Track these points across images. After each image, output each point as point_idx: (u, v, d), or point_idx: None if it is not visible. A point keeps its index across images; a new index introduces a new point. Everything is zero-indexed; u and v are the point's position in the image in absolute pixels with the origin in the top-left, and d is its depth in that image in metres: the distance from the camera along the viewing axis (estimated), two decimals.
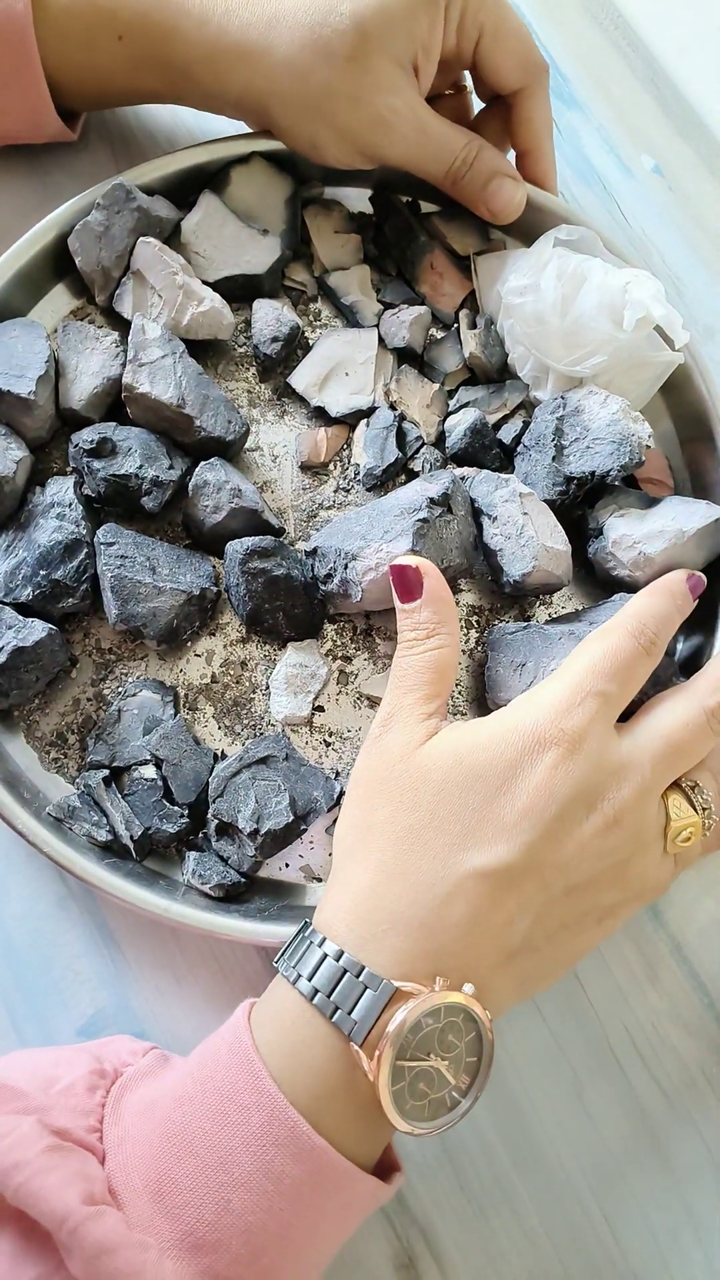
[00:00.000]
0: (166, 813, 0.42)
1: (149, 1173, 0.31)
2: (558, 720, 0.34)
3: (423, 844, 0.33)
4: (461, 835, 0.33)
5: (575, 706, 0.35)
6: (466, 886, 0.33)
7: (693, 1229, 0.41)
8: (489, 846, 0.33)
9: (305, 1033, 0.32)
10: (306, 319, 0.51)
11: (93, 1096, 0.33)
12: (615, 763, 0.35)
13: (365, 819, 0.35)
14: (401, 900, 0.33)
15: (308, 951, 0.33)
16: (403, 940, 0.32)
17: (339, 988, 0.32)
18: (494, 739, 0.35)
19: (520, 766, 0.34)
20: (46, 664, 0.42)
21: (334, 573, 0.43)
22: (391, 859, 0.34)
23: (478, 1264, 0.40)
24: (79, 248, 0.47)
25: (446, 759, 0.34)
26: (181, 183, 0.49)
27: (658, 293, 0.45)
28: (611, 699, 0.35)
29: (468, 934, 0.32)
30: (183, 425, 0.45)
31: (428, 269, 0.50)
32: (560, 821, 0.33)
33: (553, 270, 0.46)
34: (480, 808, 0.33)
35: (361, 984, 0.32)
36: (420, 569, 0.38)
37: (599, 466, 0.44)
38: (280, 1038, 0.33)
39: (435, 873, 0.33)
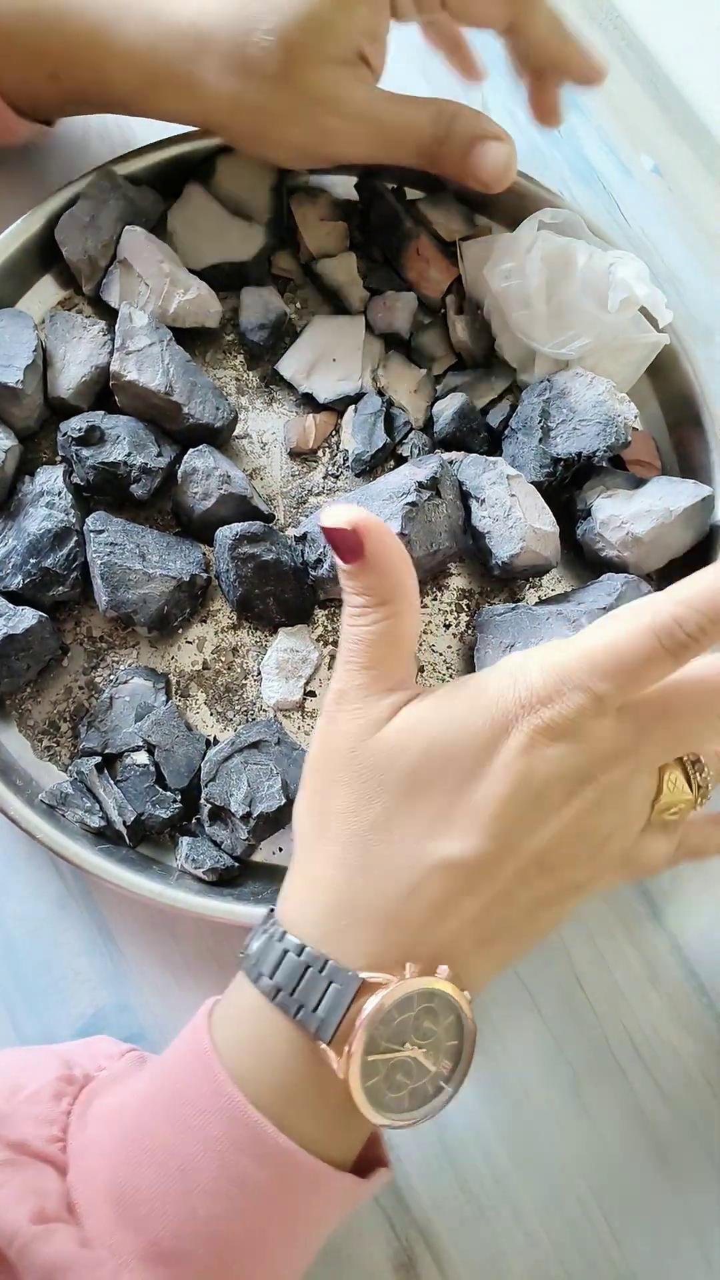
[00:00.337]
0: (159, 798, 0.42)
1: (109, 1182, 0.29)
2: (536, 708, 0.30)
3: (386, 835, 0.31)
4: (429, 824, 0.31)
5: (557, 697, 0.30)
6: (436, 876, 0.30)
7: (693, 1229, 0.41)
8: (460, 836, 0.30)
9: (267, 1032, 0.30)
10: (293, 306, 0.51)
11: (58, 1104, 0.32)
12: (604, 749, 0.31)
13: (322, 806, 0.32)
14: (366, 894, 0.31)
15: (268, 947, 0.31)
16: (369, 933, 0.30)
17: (302, 983, 0.30)
18: (464, 719, 0.31)
19: (493, 748, 0.31)
20: (37, 652, 0.43)
21: (324, 558, 0.43)
22: (354, 853, 0.31)
23: (477, 1264, 0.40)
24: (65, 238, 0.47)
25: (414, 742, 0.31)
26: (167, 172, 0.49)
27: (641, 273, 0.45)
28: (607, 698, 0.30)
29: (439, 922, 0.30)
30: (171, 413, 0.45)
31: (414, 255, 0.50)
32: (537, 807, 0.31)
33: (537, 253, 0.47)
34: (451, 794, 0.31)
35: (326, 979, 0.30)
36: (358, 530, 0.31)
37: (585, 448, 0.44)
38: (242, 1037, 0.31)
39: (401, 864, 0.30)
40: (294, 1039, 0.30)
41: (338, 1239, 0.40)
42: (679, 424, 0.50)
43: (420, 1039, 0.30)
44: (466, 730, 0.31)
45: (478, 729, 0.31)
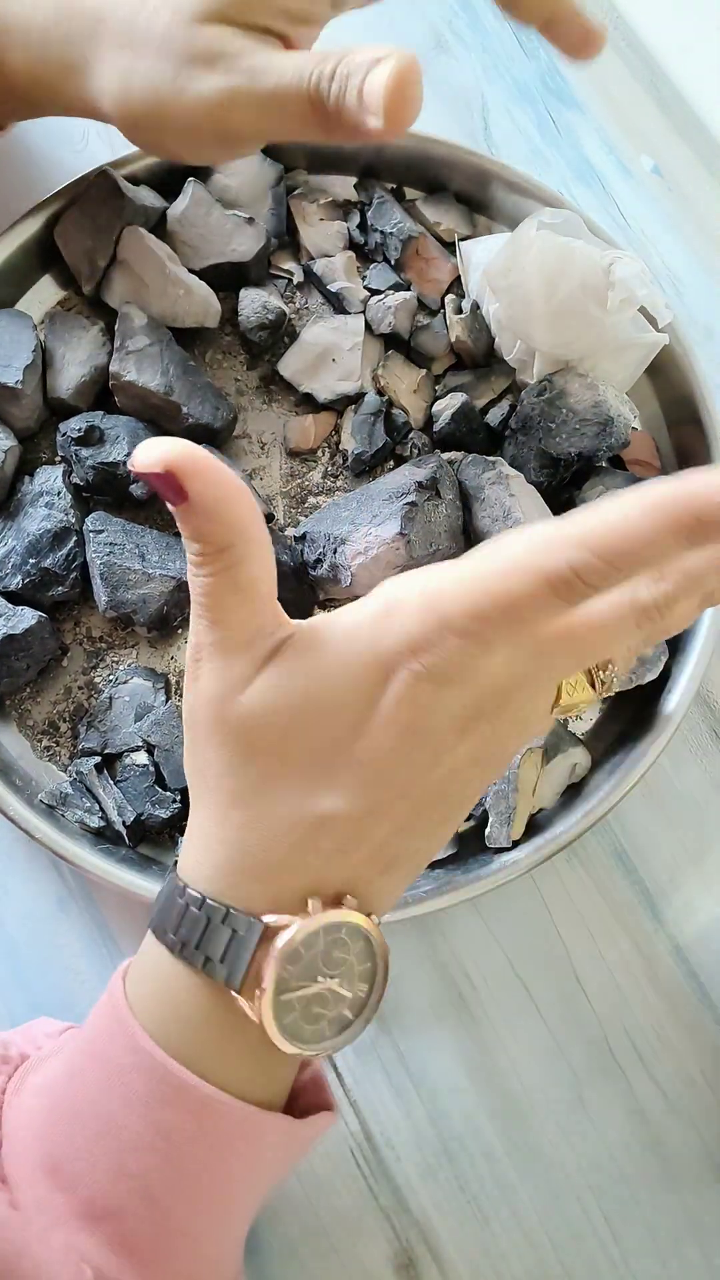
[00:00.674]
0: (159, 798, 0.42)
1: (40, 1151, 0.30)
2: (414, 654, 0.28)
3: (267, 795, 0.29)
4: (311, 781, 0.29)
5: (437, 643, 0.27)
6: (327, 824, 0.29)
7: (692, 1229, 0.41)
8: (343, 791, 0.29)
9: (177, 986, 0.30)
10: (293, 306, 0.51)
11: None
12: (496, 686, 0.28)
13: (202, 769, 0.30)
14: (257, 849, 0.29)
15: (170, 902, 0.30)
16: (266, 884, 0.29)
17: (205, 935, 0.29)
18: (338, 672, 0.29)
19: (372, 699, 0.28)
20: (37, 652, 0.43)
21: (323, 558, 0.43)
22: (238, 812, 0.30)
23: (477, 1264, 0.40)
24: (65, 238, 0.47)
25: (284, 700, 0.29)
26: (167, 172, 0.49)
27: (641, 273, 0.45)
28: (491, 642, 0.27)
29: (337, 862, 0.29)
30: (170, 413, 0.45)
31: (413, 255, 0.50)
32: (429, 751, 0.29)
33: (536, 254, 0.47)
34: (332, 748, 0.29)
35: (228, 928, 0.29)
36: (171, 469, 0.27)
37: (585, 448, 0.44)
38: (154, 993, 0.31)
39: (290, 819, 0.29)
40: (204, 990, 0.30)
41: (338, 1239, 0.40)
42: (679, 424, 0.50)
43: (332, 970, 0.29)
44: (341, 682, 0.28)
45: (353, 679, 0.28)
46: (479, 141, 0.57)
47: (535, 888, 0.45)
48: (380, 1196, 0.41)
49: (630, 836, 0.46)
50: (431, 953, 0.44)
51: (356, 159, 0.51)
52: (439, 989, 0.43)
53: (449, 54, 0.59)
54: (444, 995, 0.43)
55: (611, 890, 0.45)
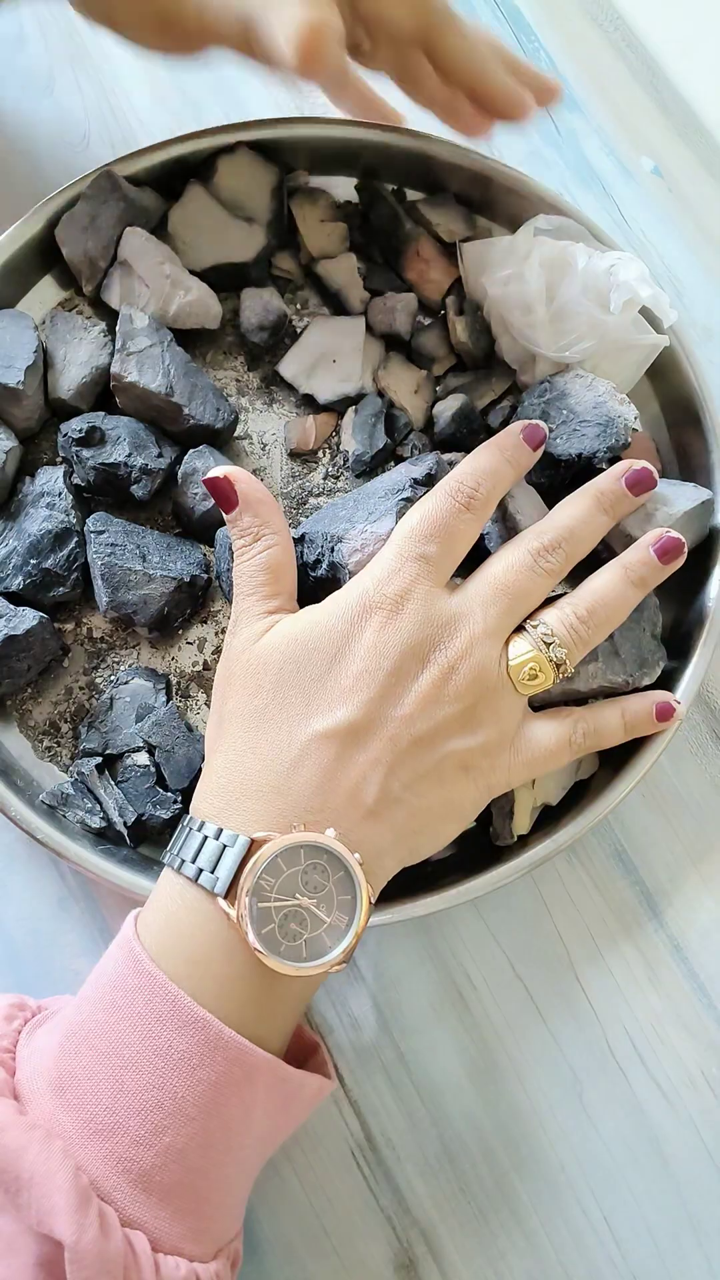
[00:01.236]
0: (160, 799, 0.42)
1: (50, 1073, 0.32)
2: (381, 587, 0.36)
3: (269, 721, 0.35)
4: (304, 706, 0.35)
5: (396, 572, 0.36)
6: (312, 748, 0.34)
7: (692, 1229, 0.41)
8: (329, 710, 0.35)
9: (178, 904, 0.34)
10: (294, 307, 0.51)
11: (9, 1024, 0.35)
12: (444, 615, 0.36)
13: (219, 712, 0.37)
14: (253, 770, 0.35)
15: (178, 834, 0.35)
16: (259, 803, 0.34)
17: (202, 851, 0.34)
18: (325, 615, 0.36)
19: (351, 635, 0.36)
20: (38, 652, 0.43)
21: (322, 558, 0.43)
22: (242, 739, 0.35)
23: (478, 1265, 0.40)
24: (66, 239, 0.47)
25: (283, 642, 0.36)
26: (168, 173, 0.49)
27: (643, 274, 0.45)
28: (434, 559, 0.37)
29: (321, 791, 0.34)
30: (171, 414, 0.45)
31: (414, 256, 0.51)
32: (395, 677, 0.35)
33: (536, 258, 0.47)
34: (319, 678, 0.35)
35: (221, 843, 0.33)
36: (228, 477, 0.38)
37: (585, 449, 0.44)
38: (157, 915, 0.34)
39: (282, 742, 0.35)
40: (200, 905, 0.33)
41: (338, 1239, 0.40)
42: (679, 425, 0.50)
43: (311, 891, 0.33)
44: (327, 624, 0.36)
45: (336, 620, 0.36)
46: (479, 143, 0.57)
47: (535, 888, 0.45)
48: (380, 1197, 0.41)
49: (630, 836, 0.46)
50: (432, 953, 0.44)
51: (357, 160, 0.52)
52: (439, 989, 0.44)
53: None
54: (444, 995, 0.43)
55: (611, 890, 0.45)
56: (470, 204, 0.52)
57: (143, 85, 0.56)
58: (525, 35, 0.60)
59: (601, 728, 0.40)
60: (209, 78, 0.56)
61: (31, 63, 0.56)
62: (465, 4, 0.60)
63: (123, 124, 0.55)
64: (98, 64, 0.56)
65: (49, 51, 0.56)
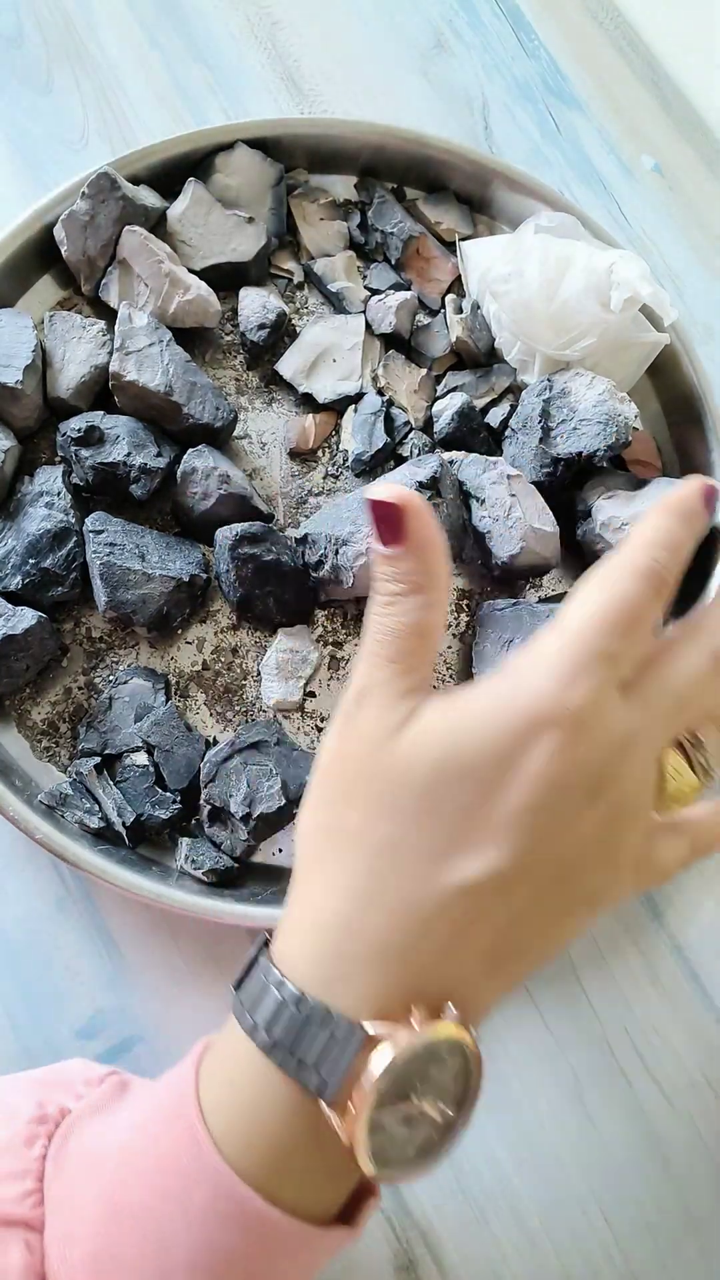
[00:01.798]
0: (159, 799, 0.42)
1: (88, 1247, 0.28)
2: (560, 694, 0.28)
3: (402, 858, 0.28)
4: (447, 842, 0.28)
5: (579, 675, 0.28)
6: (450, 903, 0.28)
7: (692, 1229, 0.41)
8: (478, 852, 0.28)
9: (260, 1090, 0.28)
10: (293, 306, 0.51)
11: (31, 1150, 0.30)
12: (624, 736, 0.29)
13: (334, 823, 0.29)
14: (374, 929, 0.28)
15: (264, 993, 0.28)
16: (375, 974, 0.28)
17: (301, 1037, 0.27)
18: (486, 722, 0.28)
19: (516, 755, 0.28)
20: (37, 652, 0.42)
21: (325, 559, 0.43)
22: (365, 880, 0.28)
23: (478, 1265, 0.40)
24: (65, 237, 0.47)
25: (432, 750, 0.28)
26: (167, 171, 0.49)
27: (644, 272, 0.45)
28: (620, 659, 0.29)
29: (448, 954, 0.28)
30: (170, 413, 0.45)
31: (414, 255, 0.50)
32: (560, 816, 0.28)
33: (536, 256, 0.46)
34: (470, 808, 0.28)
35: (327, 1032, 0.27)
36: (404, 506, 0.29)
37: (586, 447, 0.44)
38: (232, 1095, 0.28)
39: (416, 892, 0.28)
40: (290, 1097, 0.27)
41: None
42: (680, 424, 0.50)
43: (425, 1087, 0.27)
44: (488, 734, 0.28)
45: (500, 731, 0.28)
46: (480, 141, 0.57)
47: None
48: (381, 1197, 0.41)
49: None
50: None
51: (357, 158, 0.51)
52: None
53: (449, 53, 0.59)
54: None
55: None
56: (470, 202, 0.52)
57: (142, 84, 0.56)
58: (525, 33, 0.60)
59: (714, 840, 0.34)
60: (208, 76, 0.56)
61: (30, 61, 0.56)
62: (465, 1, 0.60)
63: (122, 123, 0.55)
64: (97, 63, 0.56)
65: (47, 50, 0.56)
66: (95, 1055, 0.41)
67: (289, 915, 0.30)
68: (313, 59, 0.57)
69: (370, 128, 0.50)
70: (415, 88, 0.57)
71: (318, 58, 0.57)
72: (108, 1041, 0.42)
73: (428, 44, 0.58)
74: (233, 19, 0.58)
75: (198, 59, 0.56)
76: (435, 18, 0.59)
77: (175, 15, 0.57)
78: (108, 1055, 0.41)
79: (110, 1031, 0.42)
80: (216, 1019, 0.42)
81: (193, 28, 0.57)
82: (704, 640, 0.31)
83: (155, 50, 0.56)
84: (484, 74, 0.58)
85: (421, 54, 0.56)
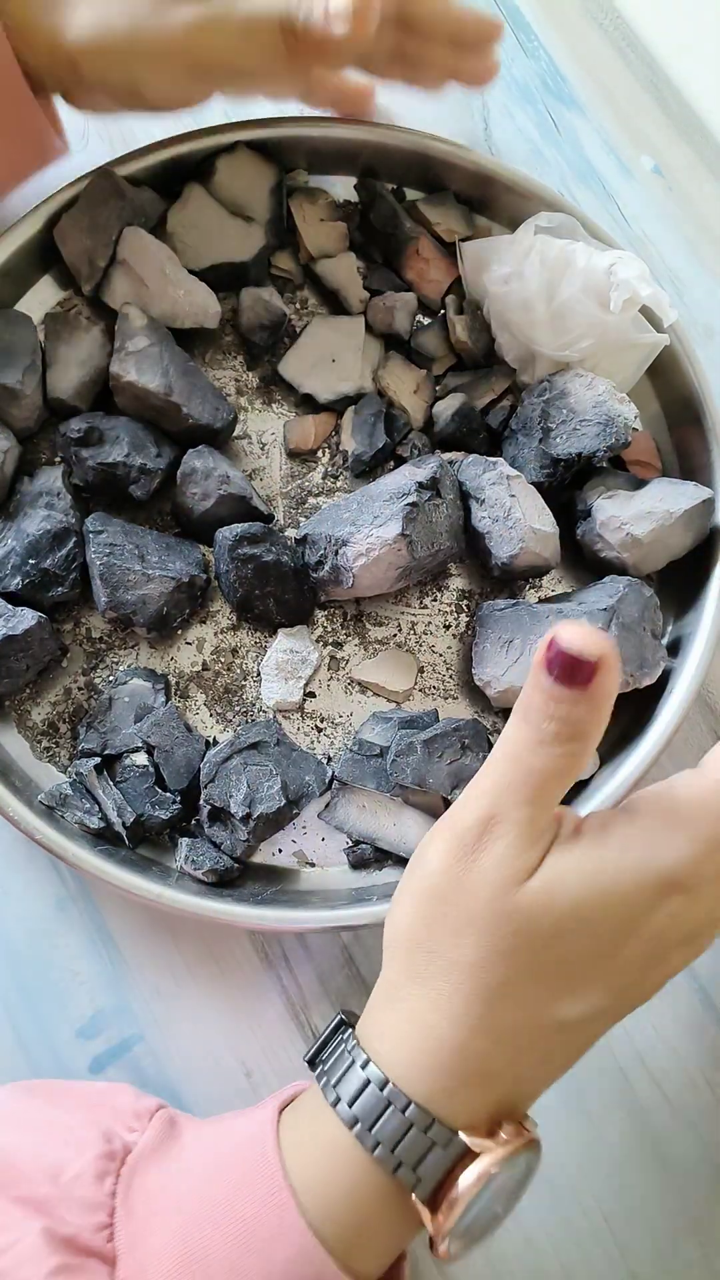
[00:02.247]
0: (158, 799, 0.42)
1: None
2: (700, 864, 0.29)
3: (515, 996, 0.29)
4: (559, 985, 0.30)
5: (711, 856, 0.29)
6: (549, 1036, 0.30)
7: (692, 1229, 0.41)
8: (587, 996, 0.30)
9: (357, 1178, 0.30)
10: (293, 307, 0.51)
11: (102, 1185, 0.32)
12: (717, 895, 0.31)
13: (444, 950, 0.30)
14: (481, 1056, 0.30)
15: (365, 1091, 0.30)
16: (474, 1093, 0.30)
17: (404, 1143, 0.29)
18: (619, 882, 0.29)
19: (644, 915, 0.29)
20: (36, 652, 0.43)
21: (325, 559, 0.43)
22: (478, 1010, 0.30)
23: (477, 1265, 0.40)
24: (65, 238, 0.47)
25: (559, 904, 0.29)
26: (167, 172, 0.49)
27: (643, 273, 0.45)
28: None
29: (536, 1074, 0.31)
30: (170, 413, 0.45)
31: (414, 256, 0.50)
32: (660, 962, 0.31)
33: (536, 257, 0.47)
34: (590, 957, 0.29)
35: (430, 1139, 0.29)
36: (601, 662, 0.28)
37: (585, 448, 0.44)
38: (324, 1176, 0.30)
39: (522, 1025, 0.30)
40: (383, 1188, 0.30)
41: None
42: (680, 424, 0.50)
43: (500, 1196, 0.30)
44: (623, 896, 0.29)
45: (633, 894, 0.29)
46: (479, 142, 0.57)
47: None
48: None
49: None
50: None
51: (357, 159, 0.51)
52: None
53: None
54: None
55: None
56: (470, 203, 0.52)
57: None
58: (524, 34, 0.60)
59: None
60: None
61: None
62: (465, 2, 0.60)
63: (121, 123, 0.55)
64: None
65: None
66: (95, 1055, 0.41)
67: (385, 1020, 0.31)
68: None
69: (370, 129, 0.50)
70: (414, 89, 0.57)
71: None
72: (108, 1041, 0.42)
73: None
74: None
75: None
76: None
77: None
78: (108, 1055, 0.41)
79: (110, 1031, 0.42)
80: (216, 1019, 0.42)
81: None
82: None
83: None
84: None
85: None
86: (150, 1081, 0.41)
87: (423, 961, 0.31)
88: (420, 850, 0.32)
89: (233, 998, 0.42)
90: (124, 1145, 0.33)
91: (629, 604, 0.42)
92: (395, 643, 0.46)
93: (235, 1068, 0.41)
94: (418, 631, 0.47)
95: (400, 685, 0.45)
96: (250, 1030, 0.42)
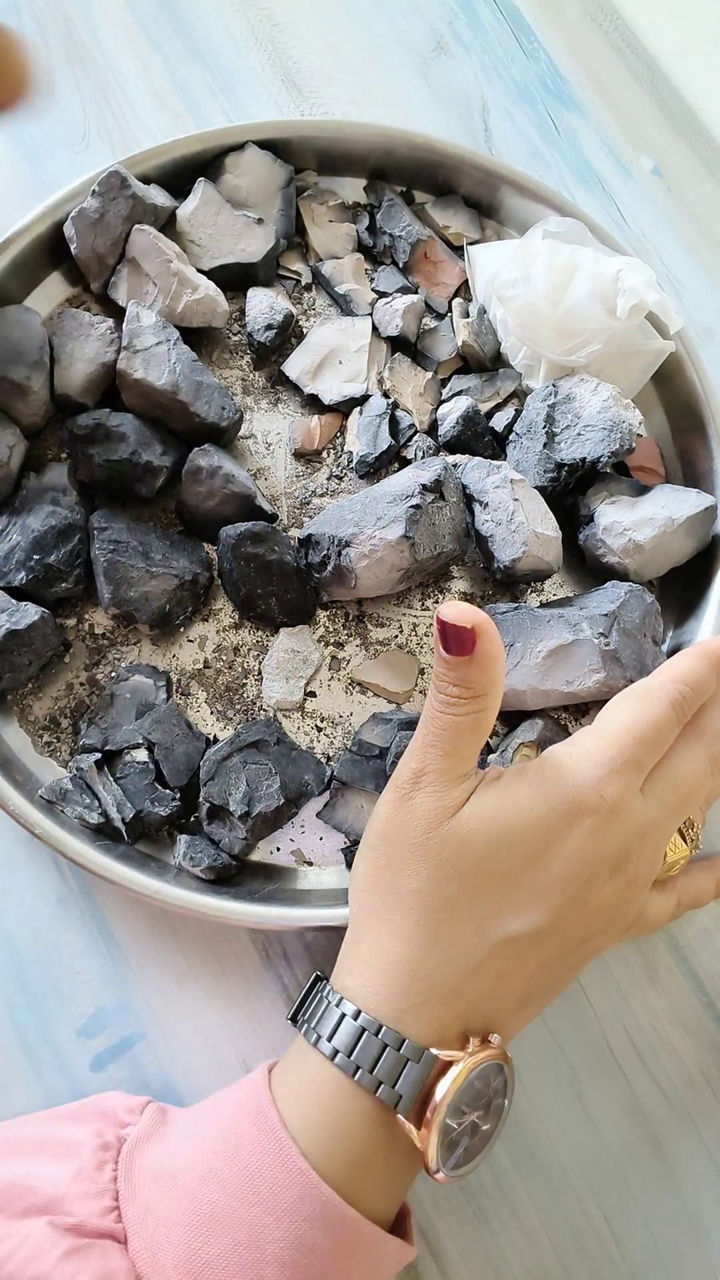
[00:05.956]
0: (158, 796, 0.42)
1: (179, 1253, 0.31)
2: (599, 787, 0.34)
3: (459, 913, 0.33)
4: (498, 902, 0.34)
5: (615, 774, 0.35)
6: (497, 952, 0.33)
7: (692, 1229, 0.41)
8: (522, 912, 0.34)
9: (344, 1107, 0.32)
10: (300, 307, 0.51)
11: (103, 1173, 0.33)
12: (643, 824, 0.35)
13: (394, 884, 0.34)
14: (437, 970, 0.33)
15: (340, 1024, 0.33)
16: (438, 1008, 0.33)
17: (380, 1063, 0.32)
18: (534, 804, 0.34)
19: (558, 833, 0.34)
20: (39, 647, 0.43)
21: (328, 560, 0.43)
22: (429, 929, 0.33)
23: (478, 1264, 0.40)
24: (74, 235, 0.47)
25: (486, 826, 0.34)
26: (177, 171, 0.49)
27: (650, 279, 0.45)
28: (645, 766, 0.36)
29: (493, 995, 0.33)
30: (176, 411, 0.45)
31: (421, 258, 0.51)
32: (589, 885, 0.34)
33: (543, 261, 0.47)
34: (516, 875, 0.34)
35: (403, 1057, 0.32)
36: (476, 629, 0.33)
37: (590, 453, 0.44)
38: (316, 1112, 0.33)
39: (470, 940, 0.33)
40: (371, 1114, 0.32)
41: None
42: (683, 430, 0.50)
43: (476, 1104, 0.33)
44: (536, 815, 0.34)
45: (546, 814, 0.34)
46: (479, 143, 0.57)
47: None
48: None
49: None
50: None
51: (366, 162, 0.52)
52: None
53: (449, 55, 0.59)
54: None
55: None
56: (478, 207, 0.52)
57: (142, 85, 0.56)
58: (524, 35, 0.60)
59: (699, 895, 0.42)
60: (209, 78, 0.56)
61: (31, 62, 0.56)
62: (465, 3, 0.60)
63: (122, 124, 0.55)
64: (98, 64, 0.56)
65: (48, 52, 0.56)
66: (96, 1053, 0.41)
67: (353, 957, 0.35)
68: (313, 61, 0.57)
69: (380, 131, 0.50)
70: (415, 90, 0.57)
71: (318, 60, 0.57)
72: (109, 1040, 0.42)
73: (427, 46, 0.58)
74: (233, 21, 0.58)
75: (198, 61, 0.56)
76: (435, 20, 0.60)
77: (176, 17, 0.58)
78: (109, 1053, 0.41)
79: (111, 1030, 0.42)
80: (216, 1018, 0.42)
81: (193, 30, 0.57)
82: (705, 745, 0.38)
83: (156, 52, 0.56)
84: (483, 76, 0.59)
85: (421, 56, 0.56)
86: (151, 1079, 0.41)
87: (379, 900, 0.35)
88: (373, 811, 0.36)
89: (233, 996, 0.42)
90: (118, 1138, 0.35)
91: (630, 609, 0.42)
92: (396, 644, 0.47)
93: (236, 1065, 0.42)
94: (419, 633, 0.47)
95: (401, 686, 0.46)
96: (250, 1028, 0.42)
